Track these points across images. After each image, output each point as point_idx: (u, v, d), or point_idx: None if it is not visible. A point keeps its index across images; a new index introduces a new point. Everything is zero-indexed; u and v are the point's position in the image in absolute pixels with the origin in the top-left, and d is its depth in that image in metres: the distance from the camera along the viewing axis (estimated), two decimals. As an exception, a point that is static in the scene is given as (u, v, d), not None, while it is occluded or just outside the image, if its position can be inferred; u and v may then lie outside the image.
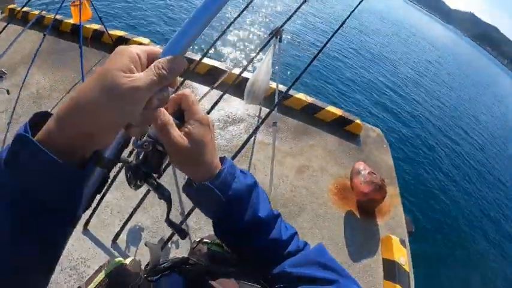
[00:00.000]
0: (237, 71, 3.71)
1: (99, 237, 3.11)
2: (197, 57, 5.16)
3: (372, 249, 3.89)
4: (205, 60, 5.37)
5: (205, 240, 0.77)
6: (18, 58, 4.77)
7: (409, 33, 39.76)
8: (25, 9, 5.27)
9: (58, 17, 5.12)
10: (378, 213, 4.28)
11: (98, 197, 2.76)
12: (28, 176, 0.41)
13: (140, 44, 4.95)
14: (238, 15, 3.25)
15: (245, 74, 3.90)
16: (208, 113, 2.86)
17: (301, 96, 5.47)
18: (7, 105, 4.11)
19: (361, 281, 3.54)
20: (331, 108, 5.44)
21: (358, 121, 5.36)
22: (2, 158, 0.41)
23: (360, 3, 2.93)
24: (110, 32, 5.25)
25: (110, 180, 2.87)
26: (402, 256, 3.71)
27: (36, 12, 5.19)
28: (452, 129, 12.30)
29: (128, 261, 0.79)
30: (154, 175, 0.61)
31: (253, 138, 4.57)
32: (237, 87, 4.30)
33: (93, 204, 3.05)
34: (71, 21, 4.87)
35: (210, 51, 6.31)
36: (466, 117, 14.88)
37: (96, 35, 5.41)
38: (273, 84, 3.67)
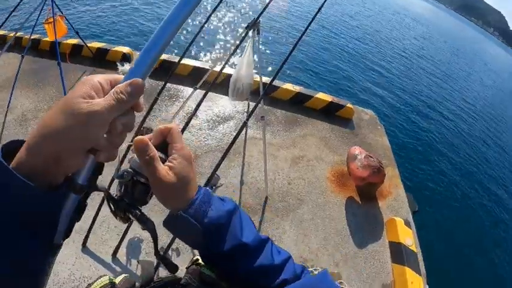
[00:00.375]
0: (219, 68, 3.64)
1: (99, 253, 3.07)
2: (176, 59, 5.10)
3: (377, 233, 3.85)
4: (187, 61, 5.33)
5: (199, 261, 0.76)
6: (0, 82, 4.69)
7: (392, 11, 39.50)
8: (2, 32, 5.19)
9: (35, 36, 5.05)
10: (379, 196, 4.24)
11: (92, 213, 2.69)
12: (2, 196, 0.43)
13: (122, 53, 4.92)
14: (212, 13, 3.18)
15: (227, 70, 3.84)
16: (193, 114, 2.80)
17: (288, 86, 5.40)
18: (-7, 131, 4.05)
19: (369, 267, 3.52)
20: (320, 95, 5.38)
21: (349, 105, 5.30)
22: None
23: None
24: (88, 44, 5.20)
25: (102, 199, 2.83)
26: (408, 237, 3.67)
27: (12, 34, 5.12)
28: (445, 102, 12.21)
29: (118, 279, 0.77)
30: (138, 206, 0.61)
31: (244, 134, 4.53)
32: (222, 84, 4.24)
33: (89, 221, 3.02)
34: (48, 39, 4.75)
35: (191, 53, 6.17)
36: (458, 89, 14.75)
37: (75, 50, 5.34)
38: (257, 78, 3.60)
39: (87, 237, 3.08)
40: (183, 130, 2.82)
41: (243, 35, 3.19)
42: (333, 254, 3.56)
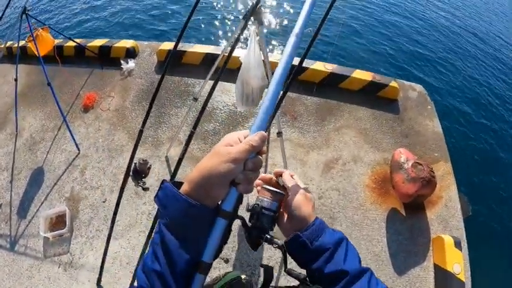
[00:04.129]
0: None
1: (115, 292, 3.00)
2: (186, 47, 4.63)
3: (421, 254, 3.29)
4: (197, 48, 4.77)
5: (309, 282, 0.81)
6: (9, 101, 4.53)
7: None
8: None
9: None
10: (427, 203, 3.57)
11: (101, 246, 2.65)
12: (172, 209, 0.64)
13: (126, 48, 4.78)
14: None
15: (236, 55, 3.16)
16: (205, 105, 2.45)
17: (318, 66, 4.54)
18: (7, 160, 4.03)
19: (409, 297, 3.06)
20: (358, 74, 4.49)
21: (393, 83, 4.37)
22: (156, 199, 0.67)
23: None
24: (90, 43, 4.91)
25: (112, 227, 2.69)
26: (457, 262, 3.07)
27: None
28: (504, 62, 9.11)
29: (243, 276, 0.91)
30: (269, 232, 0.78)
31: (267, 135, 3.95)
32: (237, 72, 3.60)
33: (99, 259, 2.93)
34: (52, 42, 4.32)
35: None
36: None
37: (78, 51, 4.97)
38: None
39: (100, 275, 3.01)
40: (190, 137, 2.50)
41: (242, 27, 2.48)
42: (368, 285, 3.10)
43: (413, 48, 8.30)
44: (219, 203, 0.66)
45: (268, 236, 0.76)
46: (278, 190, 0.80)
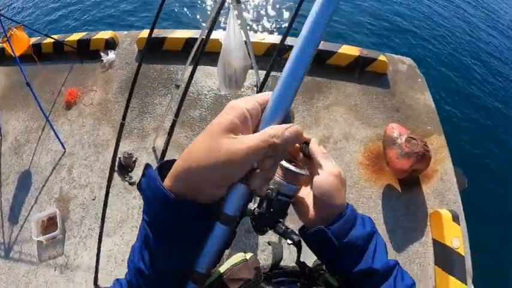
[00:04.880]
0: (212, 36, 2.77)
1: (113, 290, 2.94)
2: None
3: (419, 229, 3.27)
4: (178, 34, 4.62)
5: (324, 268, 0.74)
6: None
7: None
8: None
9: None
10: (423, 178, 3.52)
11: (94, 245, 2.60)
12: (153, 204, 0.48)
13: (105, 40, 4.58)
14: None
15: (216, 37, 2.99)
16: (185, 91, 2.32)
17: (304, 43, 4.41)
18: (-8, 165, 3.98)
19: (409, 272, 3.01)
20: (345, 49, 4.36)
21: (382, 57, 4.25)
22: (140, 188, 0.50)
23: None
24: (68, 38, 4.79)
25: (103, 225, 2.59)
26: (455, 237, 3.05)
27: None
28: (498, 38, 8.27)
29: (248, 256, 0.79)
30: (281, 221, 0.63)
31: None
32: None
33: (94, 258, 2.85)
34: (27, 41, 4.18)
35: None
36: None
37: (57, 47, 4.82)
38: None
39: (96, 275, 2.97)
40: (172, 126, 2.45)
41: (218, 7, 2.35)
42: (366, 264, 3.09)
43: (400, 21, 8.05)
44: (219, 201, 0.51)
45: (282, 227, 0.62)
46: (301, 171, 0.59)
